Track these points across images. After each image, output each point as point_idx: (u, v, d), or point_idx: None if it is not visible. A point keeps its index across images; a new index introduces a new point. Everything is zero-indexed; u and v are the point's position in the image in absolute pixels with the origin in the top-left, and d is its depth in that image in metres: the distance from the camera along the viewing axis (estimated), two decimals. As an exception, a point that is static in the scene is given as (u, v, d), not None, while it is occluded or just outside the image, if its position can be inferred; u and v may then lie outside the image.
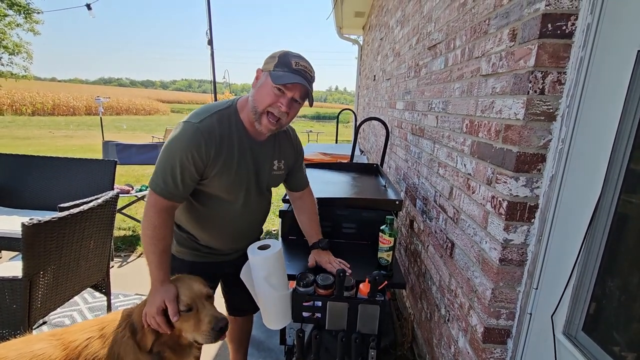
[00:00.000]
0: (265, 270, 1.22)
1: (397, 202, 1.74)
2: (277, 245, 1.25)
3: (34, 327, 1.61)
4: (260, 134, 1.26)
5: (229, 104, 1.24)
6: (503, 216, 1.05)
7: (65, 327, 1.10)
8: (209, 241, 1.35)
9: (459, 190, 1.44)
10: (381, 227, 1.44)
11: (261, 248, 1.25)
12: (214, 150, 1.15)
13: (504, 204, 1.05)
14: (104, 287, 2.11)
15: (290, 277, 1.37)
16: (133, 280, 2.73)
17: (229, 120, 1.21)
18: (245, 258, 1.39)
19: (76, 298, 2.40)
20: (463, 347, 1.29)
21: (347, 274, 1.34)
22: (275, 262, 1.22)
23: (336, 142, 6.58)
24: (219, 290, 1.54)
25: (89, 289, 2.06)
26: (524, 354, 1.07)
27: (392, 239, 1.42)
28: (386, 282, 1.29)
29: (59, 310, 2.24)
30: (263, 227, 1.52)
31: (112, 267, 2.96)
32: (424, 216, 1.95)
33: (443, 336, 1.53)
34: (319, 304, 1.30)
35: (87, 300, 2.42)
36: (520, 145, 1.00)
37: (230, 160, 1.20)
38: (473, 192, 1.29)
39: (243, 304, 1.59)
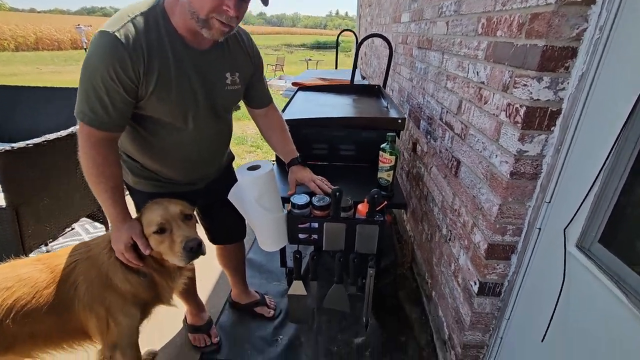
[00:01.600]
0: (256, 192, 1.14)
1: (399, 121, 1.61)
2: (267, 165, 1.16)
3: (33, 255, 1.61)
4: (202, 42, 1.03)
5: (153, 4, 0.97)
6: (519, 125, 0.93)
7: (50, 253, 1.06)
8: (163, 172, 1.17)
9: (468, 102, 1.29)
10: (381, 145, 1.34)
11: (251, 169, 1.16)
12: (143, 64, 0.93)
13: (522, 111, 0.92)
14: (100, 217, 2.09)
15: (285, 200, 1.31)
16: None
17: (157, 25, 0.96)
18: (213, 188, 1.30)
19: (78, 229, 2.42)
20: (464, 264, 1.27)
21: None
22: (266, 183, 1.14)
23: (336, 68, 6.20)
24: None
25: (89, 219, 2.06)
26: (528, 269, 1.03)
27: (393, 157, 1.32)
28: (386, 202, 1.23)
29: (61, 240, 2.27)
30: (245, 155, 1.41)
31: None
32: (428, 137, 1.83)
33: (443, 255, 1.52)
34: (316, 225, 1.25)
35: (89, 231, 2.44)
36: (547, 38, 0.83)
37: (167, 75, 0.98)
38: (485, 103, 1.15)
39: (224, 233, 1.50)
